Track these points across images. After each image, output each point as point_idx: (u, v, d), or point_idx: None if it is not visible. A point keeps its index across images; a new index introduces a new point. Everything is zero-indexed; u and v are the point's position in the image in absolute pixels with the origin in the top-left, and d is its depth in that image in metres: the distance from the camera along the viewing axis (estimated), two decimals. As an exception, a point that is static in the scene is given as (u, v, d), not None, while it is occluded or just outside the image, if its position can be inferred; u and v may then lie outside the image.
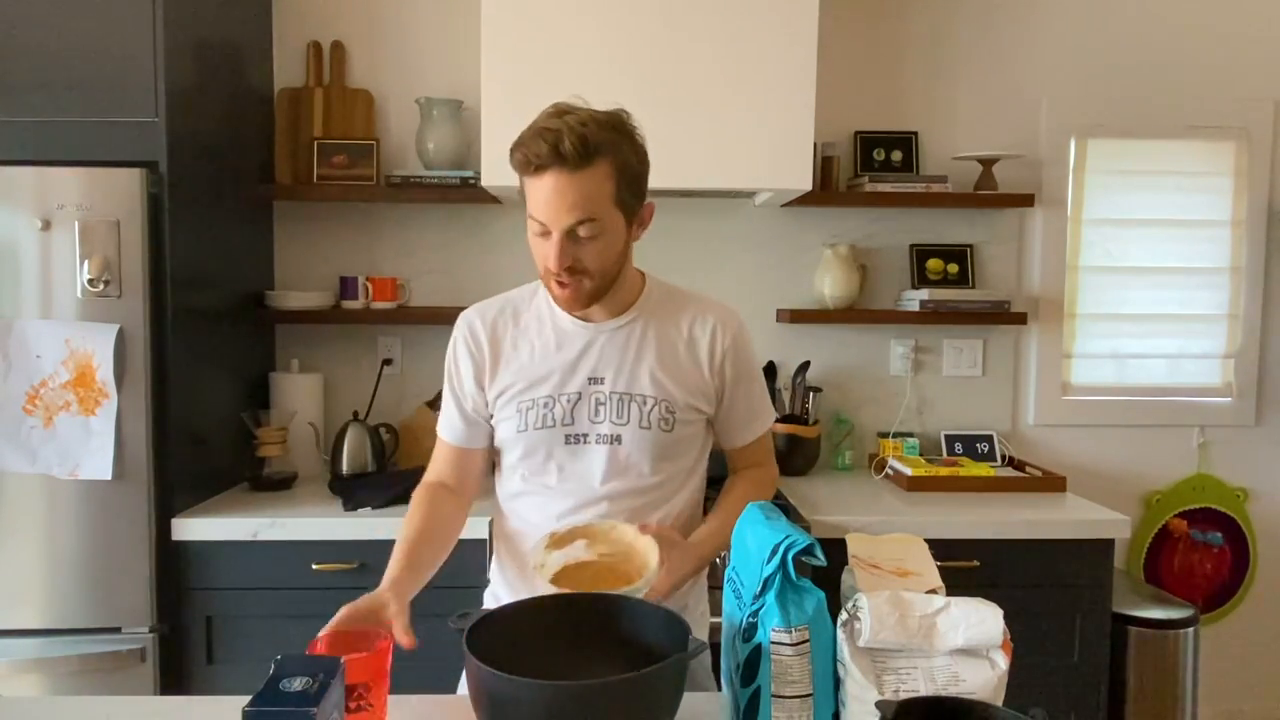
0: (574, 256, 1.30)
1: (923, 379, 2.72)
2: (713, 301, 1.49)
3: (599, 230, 1.29)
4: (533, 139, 1.26)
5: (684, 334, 1.44)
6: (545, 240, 1.30)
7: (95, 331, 1.93)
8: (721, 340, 1.44)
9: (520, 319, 1.45)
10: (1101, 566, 2.14)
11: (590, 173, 1.26)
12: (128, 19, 1.97)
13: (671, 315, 1.45)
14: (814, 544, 0.98)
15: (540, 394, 1.40)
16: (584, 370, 1.40)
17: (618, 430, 1.39)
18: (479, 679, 0.92)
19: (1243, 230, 2.74)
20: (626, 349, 1.41)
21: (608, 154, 1.28)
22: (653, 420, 1.39)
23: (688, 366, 1.43)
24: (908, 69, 2.68)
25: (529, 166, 1.27)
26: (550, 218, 1.28)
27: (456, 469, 1.49)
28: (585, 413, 1.39)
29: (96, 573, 1.96)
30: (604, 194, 1.29)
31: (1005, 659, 0.96)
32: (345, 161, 2.50)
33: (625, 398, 1.39)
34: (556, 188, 1.26)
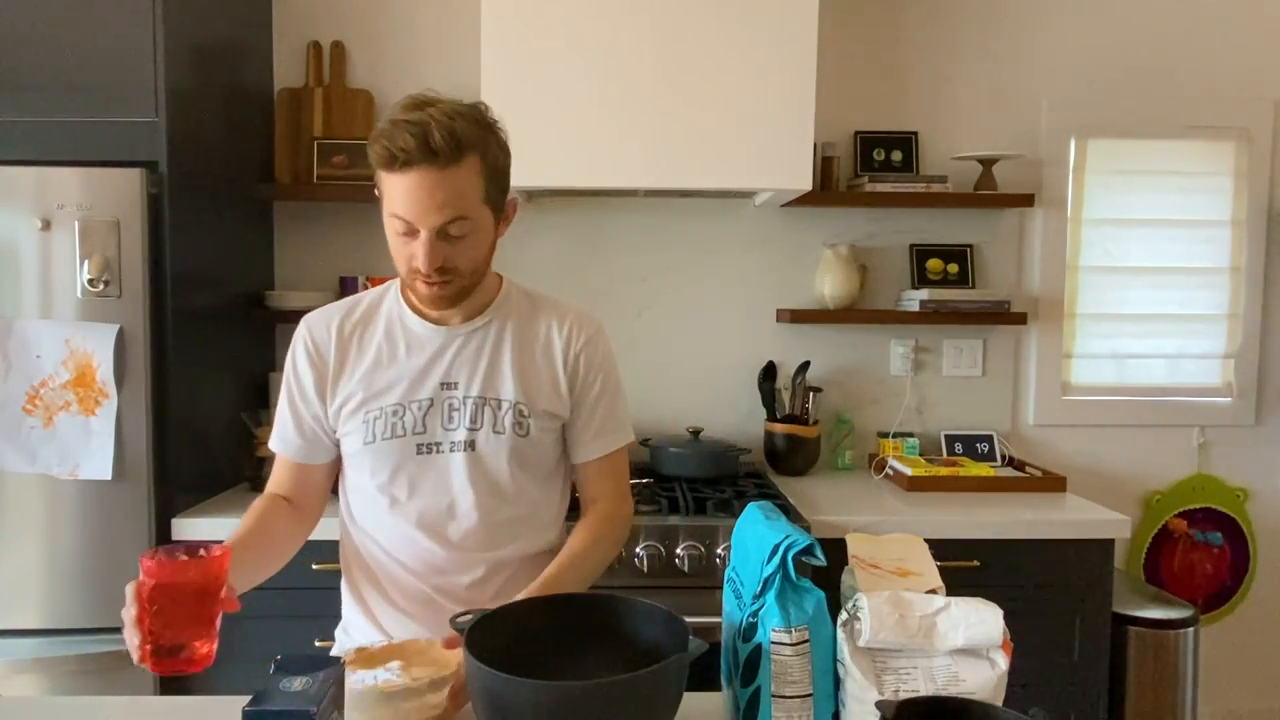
0: (444, 256, 1.24)
1: (923, 379, 2.72)
2: (573, 304, 1.43)
3: (470, 228, 1.24)
4: (396, 132, 1.18)
5: (540, 335, 1.38)
6: (410, 240, 1.23)
7: (95, 331, 1.93)
8: (576, 340, 1.39)
9: (368, 324, 1.37)
10: (1101, 566, 2.14)
11: (459, 169, 1.21)
12: (128, 19, 1.97)
13: (528, 317, 1.40)
14: (814, 544, 0.98)
15: (388, 402, 1.32)
16: (436, 375, 1.33)
17: (472, 436, 1.32)
18: (479, 679, 0.92)
19: (1243, 230, 2.74)
20: (481, 352, 1.35)
21: (476, 149, 1.23)
22: (507, 424, 1.33)
23: (543, 368, 1.37)
24: (908, 69, 2.68)
25: (393, 161, 1.19)
26: (418, 216, 1.21)
27: (295, 485, 1.39)
28: (438, 420, 1.32)
29: (96, 573, 1.96)
30: (474, 191, 1.23)
31: (1005, 659, 0.96)
32: (345, 161, 2.50)
33: (480, 402, 1.33)
34: (425, 185, 1.19)
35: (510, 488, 1.35)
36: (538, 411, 1.36)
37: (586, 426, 1.40)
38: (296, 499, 1.39)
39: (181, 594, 1.01)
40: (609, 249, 2.64)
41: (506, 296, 1.40)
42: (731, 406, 2.66)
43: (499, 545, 1.35)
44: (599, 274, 2.61)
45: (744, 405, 2.67)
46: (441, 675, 1.03)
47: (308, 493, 1.40)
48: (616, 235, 2.64)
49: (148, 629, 0.99)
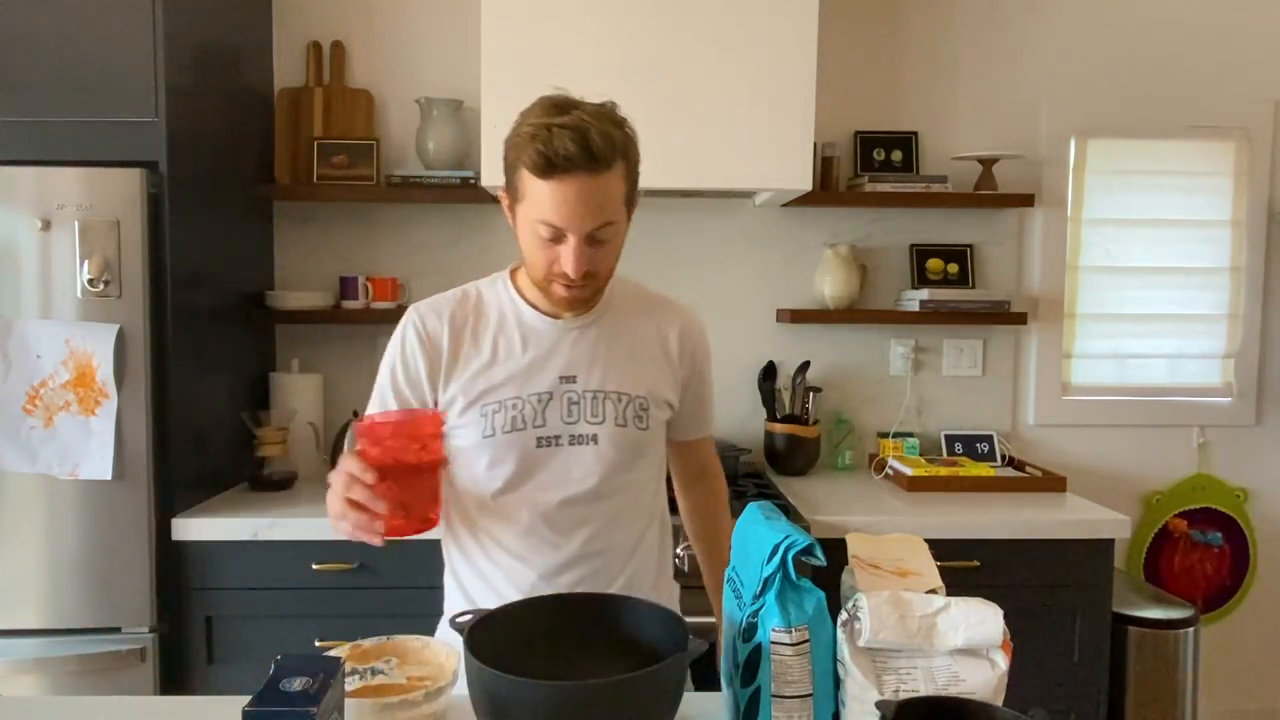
0: (589, 260, 1.23)
1: (923, 379, 2.72)
2: (676, 301, 1.48)
3: (614, 232, 1.25)
4: (553, 137, 1.16)
5: (652, 329, 1.41)
6: (554, 245, 1.23)
7: (95, 331, 1.93)
8: (689, 336, 1.43)
9: (481, 317, 1.36)
10: (1101, 566, 2.14)
11: (610, 174, 1.21)
12: (128, 19, 1.97)
13: (637, 310, 1.41)
14: (814, 544, 0.98)
15: (506, 395, 1.31)
16: (555, 369, 1.33)
17: (594, 430, 1.33)
18: (479, 679, 0.92)
19: (1243, 230, 2.74)
20: (597, 345, 1.36)
21: (622, 154, 1.23)
22: (628, 417, 1.34)
23: (659, 361, 1.40)
24: (908, 69, 2.68)
25: (551, 168, 1.17)
26: (571, 222, 1.20)
27: None
28: (558, 413, 1.32)
29: (96, 573, 1.96)
30: (619, 195, 1.25)
31: (1005, 659, 0.96)
32: (345, 161, 2.50)
33: (599, 396, 1.33)
34: (580, 191, 1.18)
35: (626, 479, 1.37)
36: (658, 403, 1.38)
37: (693, 411, 1.48)
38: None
39: (408, 451, 1.02)
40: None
41: (613, 289, 1.40)
42: (731, 406, 2.66)
43: (611, 535, 1.36)
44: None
45: (744, 405, 2.67)
46: (438, 685, 1.03)
47: None
48: (616, 235, 2.64)
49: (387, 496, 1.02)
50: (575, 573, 1.33)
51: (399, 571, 2.03)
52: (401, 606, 1.97)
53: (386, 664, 1.10)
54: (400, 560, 2.03)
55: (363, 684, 1.08)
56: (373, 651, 1.12)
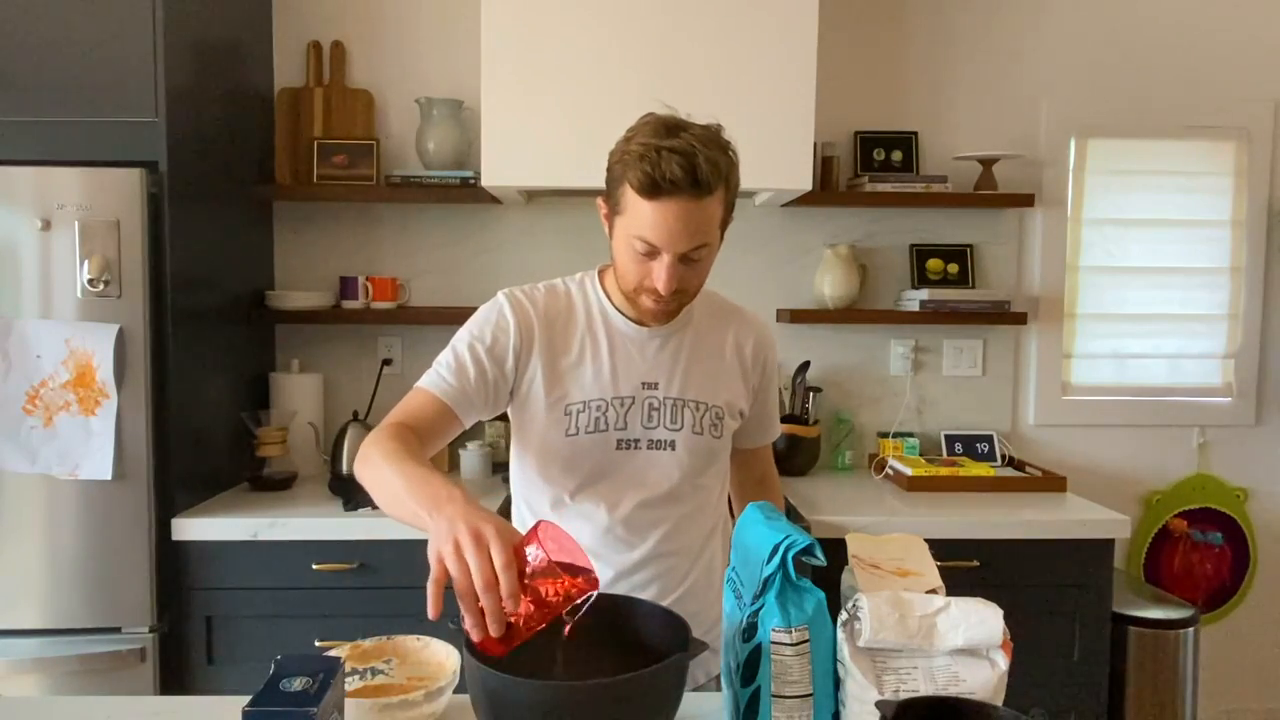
0: (680, 278, 1.26)
1: (923, 379, 2.72)
2: (748, 311, 1.51)
3: (707, 253, 1.27)
4: (661, 160, 1.17)
5: (729, 340, 1.44)
6: (648, 260, 1.25)
7: (95, 331, 1.93)
8: (761, 348, 1.46)
9: (570, 314, 1.38)
10: (1101, 566, 2.14)
11: (712, 199, 1.22)
12: (128, 19, 1.97)
13: (716, 321, 1.44)
14: (814, 544, 0.98)
15: (591, 396, 1.34)
16: (638, 374, 1.36)
17: (672, 436, 1.36)
18: (479, 679, 0.92)
19: (1243, 230, 2.74)
20: (679, 354, 1.39)
21: (725, 179, 1.24)
22: (704, 426, 1.38)
23: (733, 372, 1.43)
24: (908, 69, 2.68)
25: (656, 190, 1.18)
26: (668, 242, 1.22)
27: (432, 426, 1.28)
28: (639, 418, 1.35)
29: (96, 573, 1.96)
30: (717, 218, 1.26)
31: (1005, 659, 0.96)
32: (345, 161, 2.50)
33: (679, 403, 1.37)
34: (681, 213, 1.20)
35: (698, 486, 1.40)
36: (732, 413, 1.42)
37: (759, 421, 1.51)
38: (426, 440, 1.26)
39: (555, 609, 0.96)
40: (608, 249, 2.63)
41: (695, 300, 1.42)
42: (731, 406, 2.66)
43: (682, 537, 1.39)
44: (599, 274, 2.60)
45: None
46: (438, 685, 1.03)
47: (435, 441, 1.29)
48: (616, 235, 2.64)
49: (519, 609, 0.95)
50: (647, 572, 1.36)
51: (399, 571, 2.03)
52: (401, 606, 1.97)
53: (386, 664, 1.10)
54: (400, 560, 2.03)
55: (363, 684, 1.08)
56: (373, 651, 1.11)
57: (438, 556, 0.97)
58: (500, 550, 0.95)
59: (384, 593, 2.04)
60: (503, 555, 0.95)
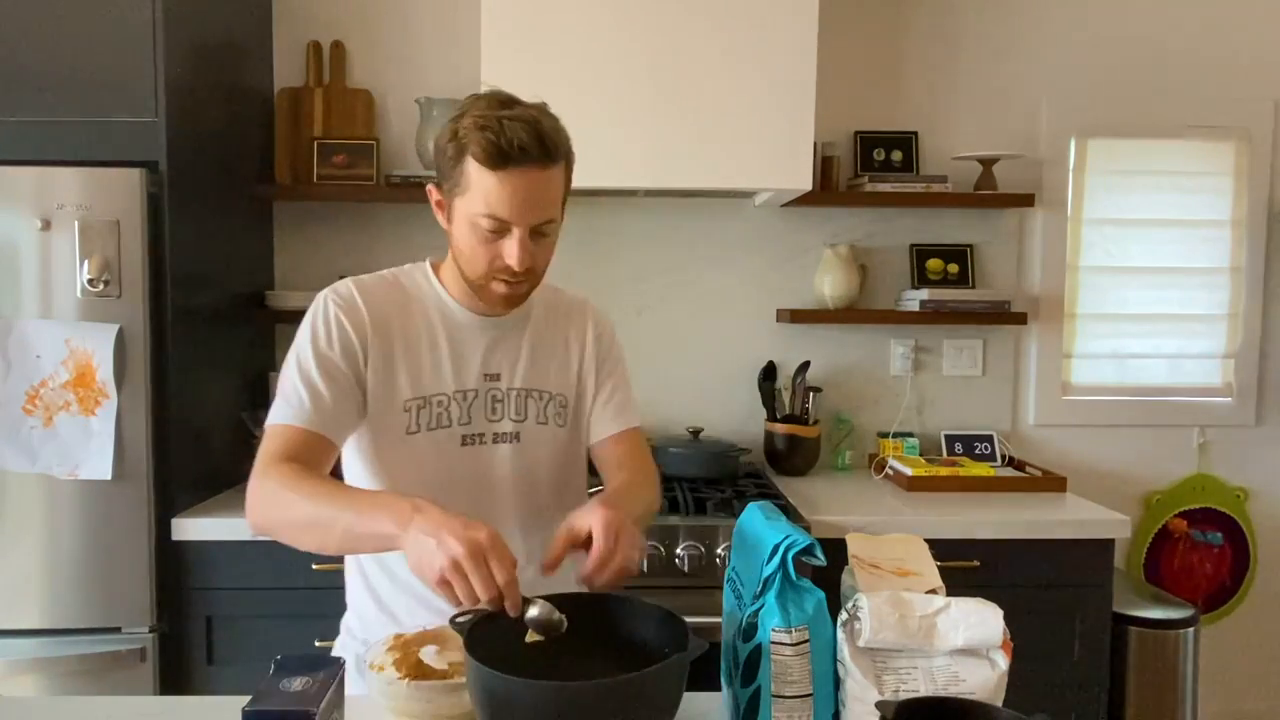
0: (531, 255, 1.21)
1: (923, 379, 2.72)
2: (586, 299, 1.46)
3: (554, 229, 1.25)
4: (504, 127, 1.14)
5: (570, 332, 1.40)
6: (497, 238, 1.20)
7: (95, 331, 1.93)
8: (597, 331, 1.42)
9: (409, 306, 1.31)
10: (1101, 566, 2.14)
11: (557, 170, 1.21)
12: (128, 19, 1.97)
13: (554, 313, 1.41)
14: (814, 544, 0.98)
15: (432, 392, 1.28)
16: (480, 366, 1.31)
17: (517, 428, 1.32)
18: (479, 679, 0.92)
19: (1243, 230, 2.74)
20: (521, 344, 1.35)
21: (566, 152, 1.23)
22: (549, 415, 1.35)
23: (575, 360, 1.40)
24: (908, 69, 2.68)
25: (503, 159, 1.14)
26: (517, 215, 1.18)
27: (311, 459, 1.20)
28: (483, 411, 1.30)
29: (96, 573, 1.96)
30: (561, 192, 1.24)
31: (1005, 659, 0.96)
32: (345, 161, 2.50)
33: (523, 394, 1.33)
34: (529, 183, 1.17)
35: (549, 481, 1.36)
36: (578, 402, 1.39)
37: (606, 405, 1.41)
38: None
39: None
40: (609, 249, 2.64)
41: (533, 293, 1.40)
42: (731, 406, 2.66)
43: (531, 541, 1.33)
44: (599, 274, 2.60)
45: (744, 405, 2.67)
46: None
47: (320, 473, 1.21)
48: (616, 235, 2.64)
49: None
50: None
51: (399, 571, 2.03)
52: (401, 606, 1.97)
53: (427, 651, 1.12)
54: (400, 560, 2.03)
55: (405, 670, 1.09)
56: (414, 640, 1.14)
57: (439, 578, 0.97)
58: (501, 567, 0.97)
59: (384, 593, 2.04)
60: (504, 572, 0.97)
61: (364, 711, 1.06)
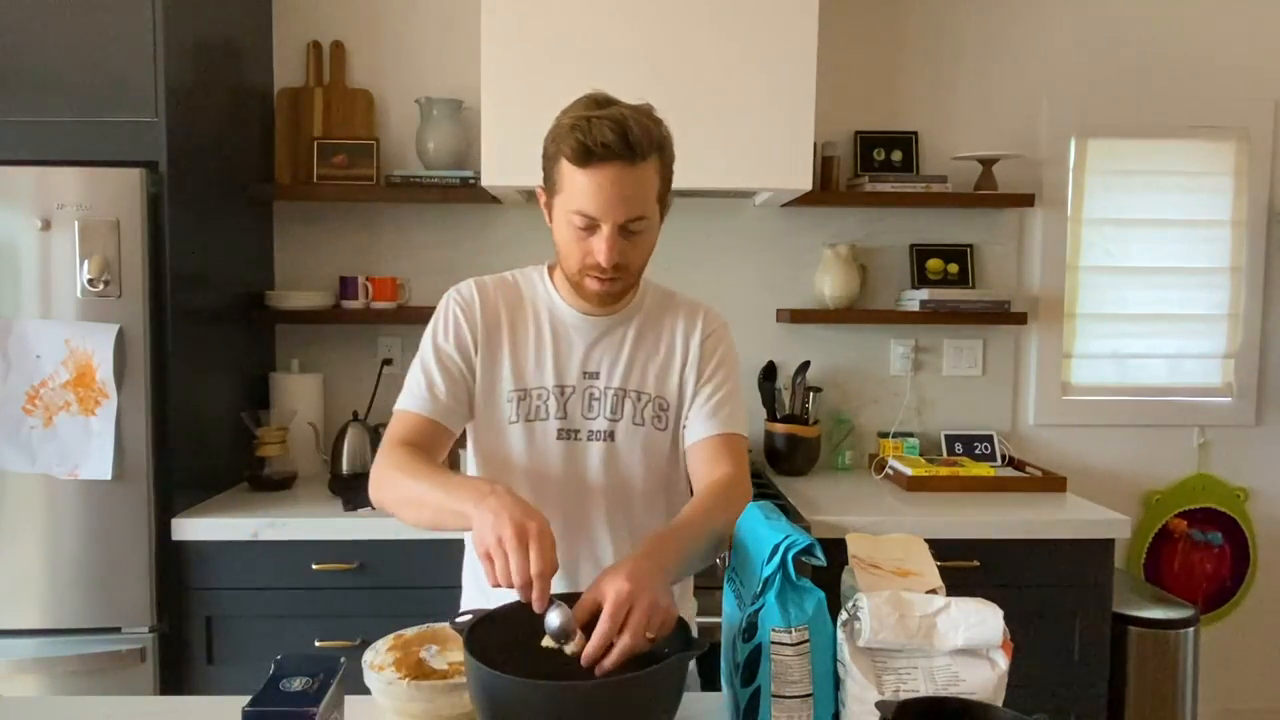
0: (622, 252, 1.25)
1: (923, 379, 2.72)
2: (702, 303, 1.46)
3: (646, 226, 1.26)
4: (592, 127, 1.18)
5: (677, 331, 1.41)
6: (589, 235, 1.24)
7: (95, 331, 1.93)
8: (704, 331, 1.41)
9: (517, 304, 1.39)
10: (1101, 566, 2.14)
11: (646, 167, 1.23)
12: (128, 19, 1.97)
13: (664, 313, 1.42)
14: (814, 544, 0.98)
15: (533, 385, 1.35)
16: (580, 364, 1.36)
17: (611, 427, 1.35)
18: (479, 679, 0.92)
19: (1243, 230, 2.74)
20: (623, 345, 1.38)
21: (658, 149, 1.25)
22: (646, 417, 1.36)
23: (678, 363, 1.40)
24: (908, 69, 2.68)
25: (589, 156, 1.19)
26: (604, 211, 1.21)
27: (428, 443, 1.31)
28: (579, 408, 1.35)
29: (96, 573, 1.96)
30: (653, 190, 1.26)
31: (1005, 659, 0.96)
32: (345, 161, 2.50)
33: (620, 393, 1.36)
34: (615, 180, 1.20)
35: (641, 482, 1.37)
36: (677, 406, 1.39)
37: (703, 406, 1.38)
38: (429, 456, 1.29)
39: None
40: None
41: (644, 292, 1.42)
42: (731, 406, 2.66)
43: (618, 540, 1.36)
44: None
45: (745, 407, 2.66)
46: None
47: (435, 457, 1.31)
48: (616, 235, 2.64)
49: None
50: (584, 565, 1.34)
51: (399, 571, 2.03)
52: (401, 606, 1.97)
53: (428, 651, 1.13)
54: (400, 560, 2.03)
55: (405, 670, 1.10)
56: (414, 640, 1.15)
57: (484, 551, 1.02)
58: (540, 555, 0.99)
59: (384, 593, 2.04)
60: (541, 561, 0.99)
61: (364, 711, 1.06)
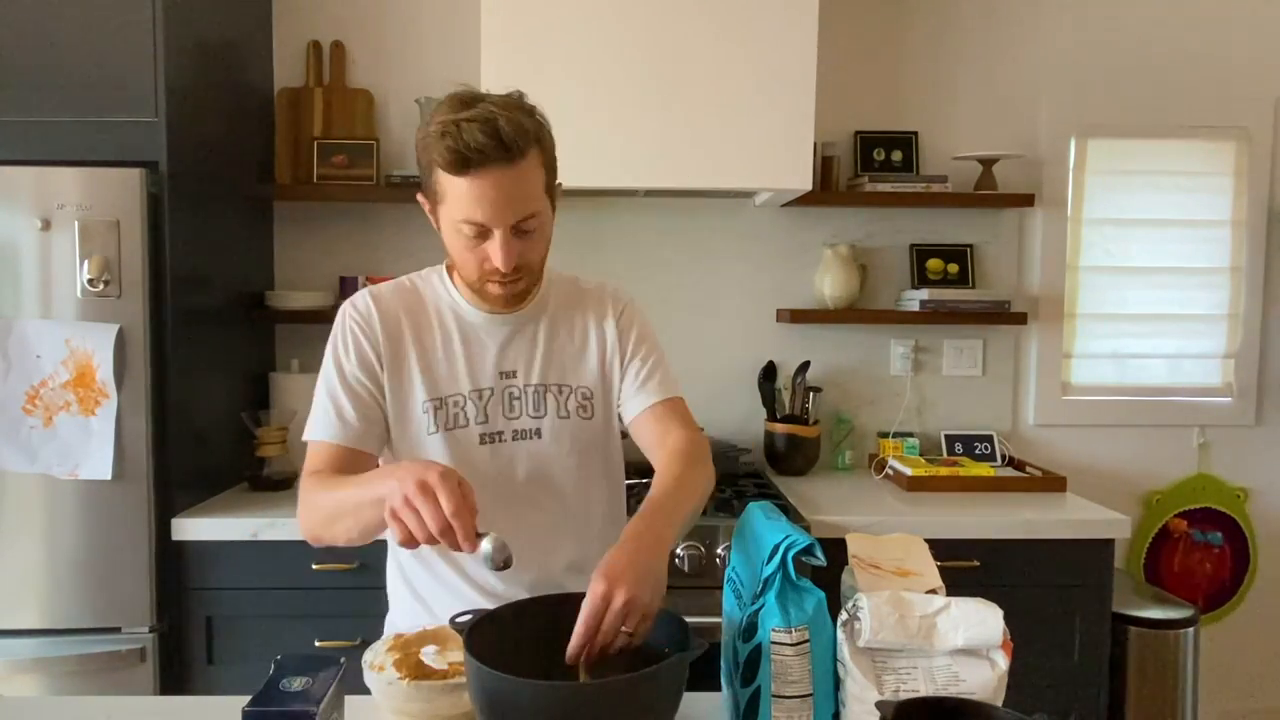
0: (518, 253, 1.21)
1: (923, 379, 2.72)
2: (606, 284, 1.43)
3: (538, 222, 1.22)
4: (462, 131, 1.12)
5: (588, 321, 1.38)
6: (481, 241, 1.20)
7: (95, 331, 1.93)
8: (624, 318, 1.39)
9: (423, 310, 1.34)
10: (1101, 566, 2.14)
11: (526, 164, 1.17)
12: (128, 19, 1.97)
13: (573, 301, 1.39)
14: (814, 544, 0.98)
15: (449, 392, 1.30)
16: (495, 365, 1.32)
17: (535, 424, 1.31)
18: (479, 679, 0.92)
19: (1243, 230, 2.74)
20: (536, 340, 1.34)
21: (535, 141, 1.19)
22: (570, 409, 1.33)
23: (596, 348, 1.37)
24: (908, 69, 2.68)
25: (465, 164, 1.14)
26: (492, 217, 1.17)
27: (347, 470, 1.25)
28: (500, 409, 1.31)
29: (96, 573, 1.96)
30: (539, 183, 1.21)
31: (1005, 659, 0.96)
32: (345, 161, 2.50)
33: (541, 389, 1.32)
34: (497, 183, 1.15)
35: (575, 473, 1.34)
36: (602, 393, 1.36)
37: (636, 379, 1.37)
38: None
39: None
40: (609, 249, 2.64)
41: (550, 283, 1.39)
42: (731, 406, 2.66)
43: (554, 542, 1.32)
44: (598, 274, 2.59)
45: (744, 405, 2.67)
46: None
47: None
48: (616, 235, 2.64)
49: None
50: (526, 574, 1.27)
51: (399, 571, 2.03)
52: (401, 606, 1.97)
53: (428, 651, 1.13)
54: (400, 560, 2.03)
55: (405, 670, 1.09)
56: (414, 640, 1.15)
57: (392, 514, 1.00)
58: (448, 496, 0.98)
59: (384, 593, 2.04)
60: (451, 501, 0.98)
61: (364, 711, 1.06)
